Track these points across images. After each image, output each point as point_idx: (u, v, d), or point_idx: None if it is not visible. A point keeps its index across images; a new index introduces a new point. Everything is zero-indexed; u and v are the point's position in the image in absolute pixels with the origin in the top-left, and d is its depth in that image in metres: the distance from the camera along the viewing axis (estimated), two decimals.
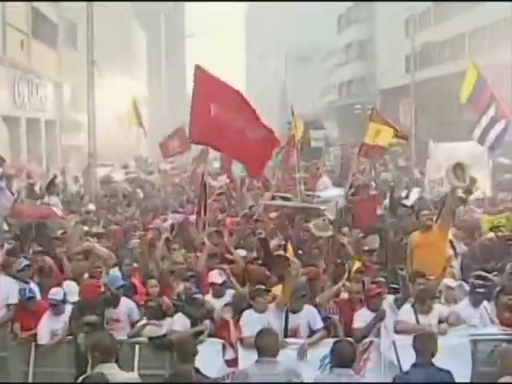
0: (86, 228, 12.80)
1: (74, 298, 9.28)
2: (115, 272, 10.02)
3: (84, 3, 22.44)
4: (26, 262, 9.80)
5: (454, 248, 11.28)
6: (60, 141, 42.13)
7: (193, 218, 12.44)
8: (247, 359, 7.80)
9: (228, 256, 10.69)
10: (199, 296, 8.87)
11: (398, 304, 8.73)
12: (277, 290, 9.10)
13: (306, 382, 7.29)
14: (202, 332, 8.49)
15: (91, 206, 15.63)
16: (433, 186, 15.64)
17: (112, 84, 43.06)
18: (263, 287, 8.82)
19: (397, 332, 8.41)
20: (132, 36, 68.87)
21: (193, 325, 8.60)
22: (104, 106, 35.05)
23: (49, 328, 8.88)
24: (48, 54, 40.49)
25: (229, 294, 9.23)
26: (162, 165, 29.28)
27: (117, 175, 25.08)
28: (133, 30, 69.70)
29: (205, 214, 11.53)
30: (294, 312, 8.67)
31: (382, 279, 9.53)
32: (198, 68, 11.43)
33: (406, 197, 14.79)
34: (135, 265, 10.65)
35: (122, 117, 43.82)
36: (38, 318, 8.93)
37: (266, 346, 6.97)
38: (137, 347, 8.56)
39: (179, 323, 8.62)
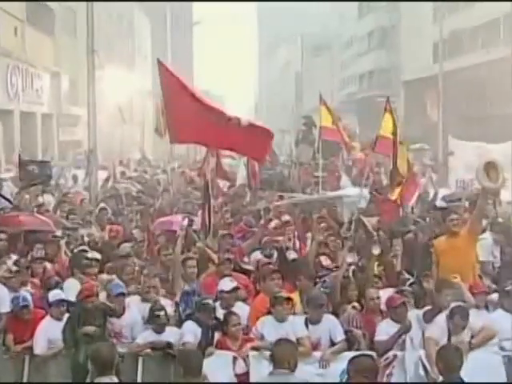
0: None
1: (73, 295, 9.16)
2: (116, 279, 10.00)
3: None
4: (14, 269, 9.67)
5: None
6: (57, 136, 42.20)
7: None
8: (259, 373, 7.76)
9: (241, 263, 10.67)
10: (210, 302, 8.81)
11: (427, 318, 8.61)
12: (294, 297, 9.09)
13: None
14: (211, 343, 8.46)
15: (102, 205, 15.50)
16: (463, 187, 15.54)
17: (113, 75, 43.06)
18: (284, 295, 8.76)
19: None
20: (135, 23, 68.93)
21: (203, 333, 8.54)
22: (104, 98, 35.13)
23: (46, 336, 8.76)
24: (44, 41, 40.57)
25: (237, 306, 9.14)
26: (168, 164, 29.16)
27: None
28: (136, 16, 69.75)
29: (209, 216, 11.46)
30: (313, 323, 8.67)
31: (407, 288, 9.48)
32: (161, 64, 11.41)
33: (434, 198, 14.73)
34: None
35: (125, 111, 43.73)
36: (33, 329, 8.82)
37: (283, 357, 6.78)
38: (140, 359, 8.53)
39: (191, 333, 8.54)
